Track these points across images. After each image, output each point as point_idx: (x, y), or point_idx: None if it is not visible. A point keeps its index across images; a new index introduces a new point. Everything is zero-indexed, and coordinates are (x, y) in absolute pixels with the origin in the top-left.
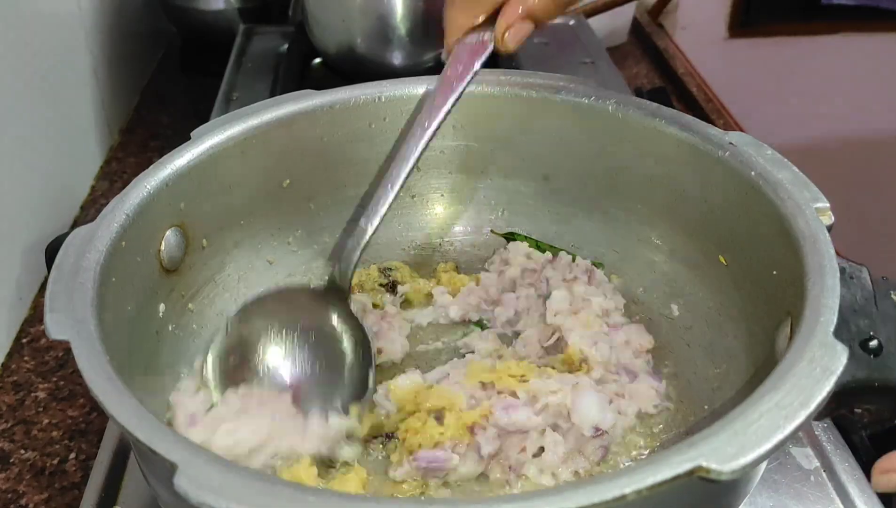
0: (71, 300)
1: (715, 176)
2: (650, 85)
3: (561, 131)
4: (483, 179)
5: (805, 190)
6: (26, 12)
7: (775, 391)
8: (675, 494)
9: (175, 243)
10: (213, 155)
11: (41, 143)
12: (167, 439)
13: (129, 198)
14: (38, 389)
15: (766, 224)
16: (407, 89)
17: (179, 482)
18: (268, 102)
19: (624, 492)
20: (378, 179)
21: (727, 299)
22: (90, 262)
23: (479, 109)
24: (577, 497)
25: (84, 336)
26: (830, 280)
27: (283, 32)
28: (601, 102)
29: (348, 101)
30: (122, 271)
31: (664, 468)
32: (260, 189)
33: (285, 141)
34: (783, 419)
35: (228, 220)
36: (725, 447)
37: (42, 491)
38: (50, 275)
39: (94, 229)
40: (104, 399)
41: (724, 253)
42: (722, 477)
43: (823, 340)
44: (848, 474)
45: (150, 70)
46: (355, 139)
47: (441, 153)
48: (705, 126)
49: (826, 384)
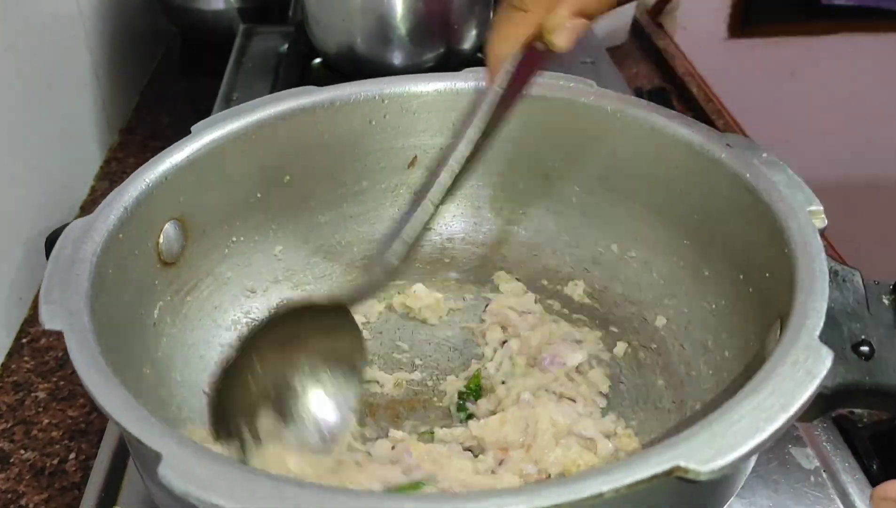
0: (66, 291)
1: (712, 177)
2: (650, 85)
3: (561, 130)
4: (481, 178)
5: (799, 192)
6: (26, 12)
7: (756, 393)
8: (654, 494)
9: (174, 237)
10: (214, 150)
11: (41, 143)
12: (154, 429)
13: (128, 191)
14: (38, 389)
15: (760, 226)
16: (408, 87)
17: (164, 472)
18: (268, 98)
19: (601, 490)
20: (379, 174)
21: (722, 300)
22: (86, 253)
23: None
24: (553, 495)
25: (77, 327)
26: (819, 283)
27: (283, 32)
28: (601, 102)
29: (349, 97)
30: (119, 263)
31: (642, 467)
32: (260, 184)
33: (286, 137)
34: (763, 422)
35: (228, 214)
36: (704, 448)
37: (42, 491)
38: (47, 266)
39: (91, 221)
40: (94, 389)
41: (720, 254)
42: (700, 478)
43: (808, 343)
44: (848, 474)
45: (150, 70)
46: (356, 136)
47: (437, 152)
48: (703, 127)
49: (808, 388)
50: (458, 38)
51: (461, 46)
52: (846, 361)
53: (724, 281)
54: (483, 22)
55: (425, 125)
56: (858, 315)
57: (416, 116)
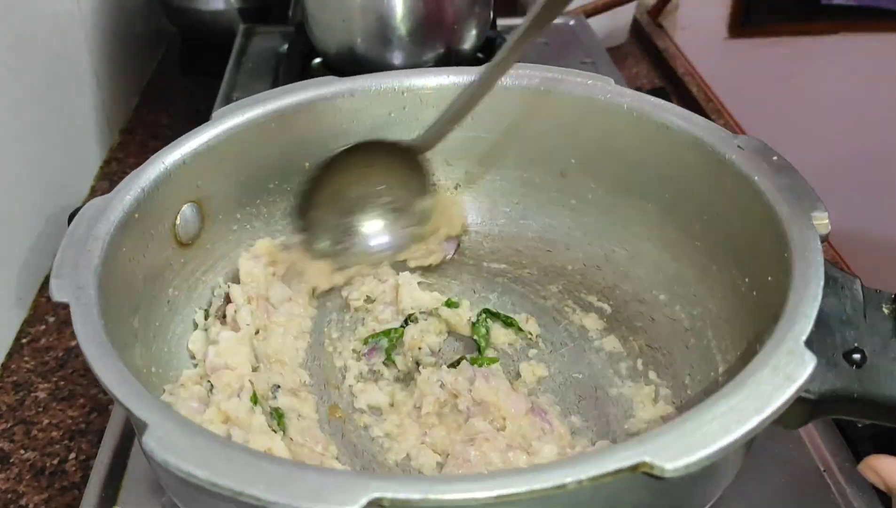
0: (76, 267)
1: (721, 179)
2: (650, 85)
3: (578, 127)
4: (498, 171)
5: (805, 198)
6: (26, 12)
7: (733, 394)
8: (623, 489)
9: (191, 219)
10: (233, 136)
11: (41, 143)
12: (143, 401)
13: (146, 173)
14: (38, 389)
15: (764, 230)
16: (428, 80)
17: (147, 440)
18: (289, 87)
19: (564, 481)
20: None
21: (726, 302)
22: (100, 232)
23: (493, 101)
24: (517, 483)
25: (83, 301)
26: (813, 289)
27: (283, 32)
28: (617, 99)
29: (369, 88)
30: (133, 242)
31: (608, 461)
32: (278, 171)
33: (305, 125)
34: (735, 423)
35: (246, 199)
36: (672, 445)
37: (42, 491)
38: (62, 242)
39: (108, 200)
40: (91, 359)
41: (727, 256)
42: (665, 475)
43: (792, 348)
44: (848, 474)
45: (150, 70)
46: (375, 127)
47: (455, 143)
48: (716, 128)
49: (785, 392)
50: (458, 38)
51: (461, 46)
52: (836, 368)
53: (730, 283)
54: (483, 22)
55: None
56: (854, 323)
57: (434, 110)
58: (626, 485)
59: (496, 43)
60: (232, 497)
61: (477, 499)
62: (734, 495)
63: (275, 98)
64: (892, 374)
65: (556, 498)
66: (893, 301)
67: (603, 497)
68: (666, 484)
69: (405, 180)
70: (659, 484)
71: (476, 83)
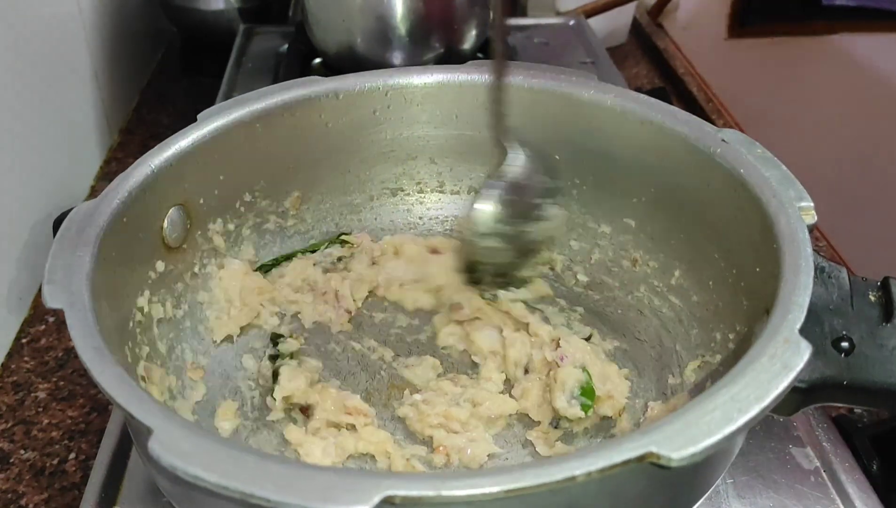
0: (69, 272)
1: (707, 172)
2: (650, 85)
3: (562, 123)
4: (485, 169)
5: (790, 188)
6: (26, 13)
7: (733, 384)
8: (628, 479)
9: (178, 221)
10: (219, 137)
11: (41, 143)
12: (145, 405)
13: (133, 176)
14: (38, 389)
15: (751, 221)
16: (411, 78)
17: (153, 445)
18: (274, 88)
19: (574, 474)
20: (382, 164)
21: (715, 294)
22: (90, 236)
23: (478, 98)
24: (527, 478)
25: (78, 306)
26: (804, 278)
27: (283, 32)
28: (601, 96)
29: (353, 88)
30: (122, 246)
31: (615, 452)
32: (264, 172)
33: (291, 126)
34: (736, 412)
35: (232, 200)
36: (677, 435)
37: (42, 491)
38: (52, 247)
39: (96, 205)
40: (90, 365)
41: (714, 249)
42: (672, 464)
43: (788, 336)
44: (848, 474)
45: (150, 70)
46: (359, 126)
47: (440, 142)
48: (700, 122)
49: (784, 380)
50: (458, 38)
51: (461, 46)
52: (825, 355)
53: (717, 275)
54: (483, 22)
55: (428, 116)
56: (841, 311)
57: (419, 108)
58: (631, 476)
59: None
60: (241, 499)
61: (488, 494)
62: (735, 495)
63: (259, 99)
64: (880, 360)
65: (565, 491)
66: (880, 289)
67: (609, 489)
68: (669, 474)
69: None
70: (663, 474)
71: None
